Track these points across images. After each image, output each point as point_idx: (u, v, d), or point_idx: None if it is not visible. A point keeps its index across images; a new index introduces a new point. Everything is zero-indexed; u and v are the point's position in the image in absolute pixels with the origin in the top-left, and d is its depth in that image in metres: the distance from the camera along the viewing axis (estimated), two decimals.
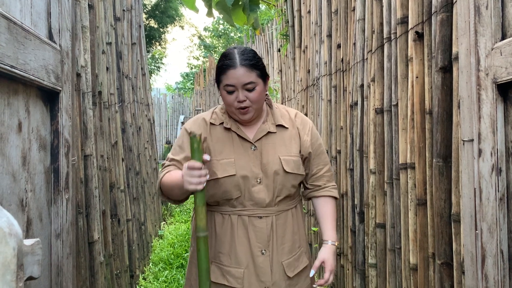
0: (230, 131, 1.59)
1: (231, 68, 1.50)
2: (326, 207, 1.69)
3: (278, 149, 1.59)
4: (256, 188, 1.55)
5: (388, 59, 2.01)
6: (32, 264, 0.73)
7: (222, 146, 1.57)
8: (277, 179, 1.56)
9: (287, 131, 1.64)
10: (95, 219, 2.21)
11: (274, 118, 1.64)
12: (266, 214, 1.56)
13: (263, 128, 1.61)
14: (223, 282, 1.55)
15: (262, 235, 1.55)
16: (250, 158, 1.56)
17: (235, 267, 1.55)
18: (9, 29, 0.78)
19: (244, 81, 1.49)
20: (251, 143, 1.58)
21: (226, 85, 1.51)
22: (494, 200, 1.05)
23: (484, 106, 1.09)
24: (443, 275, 1.50)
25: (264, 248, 1.55)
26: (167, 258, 4.31)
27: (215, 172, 1.53)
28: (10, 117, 0.83)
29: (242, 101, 1.50)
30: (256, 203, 1.55)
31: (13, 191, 0.84)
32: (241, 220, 1.56)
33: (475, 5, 1.11)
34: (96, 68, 2.61)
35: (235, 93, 1.51)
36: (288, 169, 1.57)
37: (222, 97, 1.56)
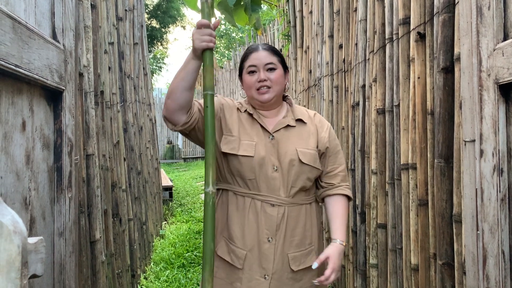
0: (253, 120, 1.66)
1: (253, 51, 1.64)
2: (338, 205, 1.68)
3: (296, 141, 1.63)
4: (272, 174, 1.58)
5: (390, 60, 2.01)
6: (35, 262, 0.73)
7: (244, 130, 1.63)
8: (292, 169, 1.59)
9: (306, 126, 1.69)
10: (97, 218, 2.22)
11: (294, 114, 1.70)
12: (279, 203, 1.58)
13: (283, 121, 1.66)
14: (227, 258, 1.59)
15: (272, 223, 1.57)
16: (267, 147, 1.61)
17: (239, 248, 1.58)
18: (13, 29, 0.79)
19: (265, 61, 1.60)
20: (269, 133, 1.63)
21: (248, 66, 1.62)
22: (496, 201, 1.06)
23: (486, 106, 1.09)
24: (444, 275, 1.50)
25: (271, 236, 1.57)
26: (168, 257, 4.31)
27: (235, 148, 1.58)
28: (14, 116, 0.84)
29: (263, 80, 1.59)
30: (271, 190, 1.58)
31: (17, 189, 0.85)
32: (253, 204, 1.58)
33: (477, 6, 1.12)
34: (98, 67, 2.61)
35: (257, 74, 1.61)
36: (304, 160, 1.59)
37: (244, 83, 1.65)
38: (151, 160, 5.24)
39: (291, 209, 1.60)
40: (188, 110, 1.54)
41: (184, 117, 1.53)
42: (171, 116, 1.54)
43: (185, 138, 15.54)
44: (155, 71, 19.21)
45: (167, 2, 15.97)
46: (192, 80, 1.49)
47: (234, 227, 1.59)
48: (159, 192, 5.84)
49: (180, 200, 7.74)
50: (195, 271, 4.01)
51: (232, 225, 1.59)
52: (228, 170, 1.61)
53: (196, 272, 3.99)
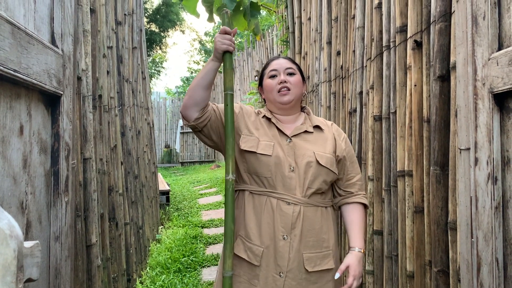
0: (271, 124, 1.72)
1: (274, 59, 1.78)
2: (356, 214, 1.70)
3: (313, 146, 1.68)
4: (289, 174, 1.62)
5: (387, 67, 2.02)
6: (31, 266, 0.73)
7: (263, 132, 1.70)
8: (309, 170, 1.62)
9: (323, 133, 1.74)
10: (93, 222, 2.22)
11: (311, 121, 1.76)
12: (294, 202, 1.60)
13: (300, 127, 1.73)
14: (244, 256, 1.61)
15: (287, 221, 1.59)
16: (285, 148, 1.66)
17: (257, 245, 1.60)
18: (13, 34, 0.80)
19: (286, 66, 1.72)
20: (287, 136, 1.69)
21: (270, 70, 1.73)
22: (490, 209, 1.06)
23: (481, 115, 1.10)
24: (439, 282, 1.50)
25: (286, 234, 1.58)
26: (164, 262, 4.30)
27: (254, 146, 1.64)
28: (12, 120, 0.84)
29: (284, 81, 1.69)
30: (287, 189, 1.61)
31: (14, 193, 0.85)
32: (269, 202, 1.61)
33: (473, 16, 1.13)
34: (96, 71, 2.62)
35: (277, 77, 1.71)
36: (321, 161, 1.63)
37: (266, 87, 1.75)
38: (148, 164, 5.23)
39: (306, 209, 1.61)
40: (203, 108, 1.65)
41: (196, 114, 1.65)
42: (186, 111, 1.66)
43: (183, 143, 15.53)
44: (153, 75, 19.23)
45: (167, 6, 16.02)
46: (210, 79, 1.64)
47: (251, 225, 1.62)
48: (156, 196, 5.84)
49: (177, 204, 7.73)
50: (191, 276, 4.00)
51: (249, 223, 1.62)
52: (245, 169, 1.66)
53: (192, 277, 3.98)
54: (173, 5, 16.11)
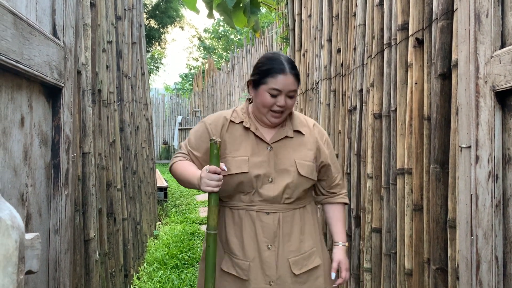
0: (248, 131, 1.66)
1: (282, 73, 1.57)
2: (338, 212, 1.79)
3: (294, 153, 1.65)
4: (267, 186, 1.60)
5: (388, 65, 2.02)
6: (31, 258, 0.73)
7: (239, 144, 1.63)
8: (289, 181, 1.61)
9: (304, 137, 1.70)
10: (91, 217, 2.21)
11: (292, 124, 1.70)
12: (273, 211, 1.61)
13: (281, 132, 1.67)
14: (232, 272, 1.61)
15: (269, 231, 1.60)
16: (264, 157, 1.62)
17: (242, 259, 1.61)
18: (15, 24, 0.79)
19: (290, 88, 1.58)
20: (267, 143, 1.65)
21: (273, 88, 1.57)
22: (490, 207, 1.06)
23: (482, 113, 1.10)
24: (438, 280, 1.51)
25: (270, 244, 1.60)
26: (161, 258, 4.30)
27: (229, 169, 1.59)
28: (13, 112, 0.84)
29: (283, 106, 1.59)
30: (265, 200, 1.61)
31: (14, 185, 0.85)
32: (248, 215, 1.61)
33: (476, 13, 1.13)
34: (96, 66, 2.61)
35: (278, 97, 1.58)
36: (302, 172, 1.62)
37: (260, 98, 1.61)
38: (146, 160, 5.23)
39: (285, 214, 1.63)
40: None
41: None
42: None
43: (181, 139, 15.52)
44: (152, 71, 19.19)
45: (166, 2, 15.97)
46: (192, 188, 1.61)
47: (234, 240, 1.62)
48: (154, 192, 5.83)
49: (175, 200, 7.73)
50: (188, 272, 4.00)
51: (231, 239, 1.63)
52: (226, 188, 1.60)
53: (189, 273, 3.98)
54: (173, 1, 16.07)
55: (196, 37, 25.66)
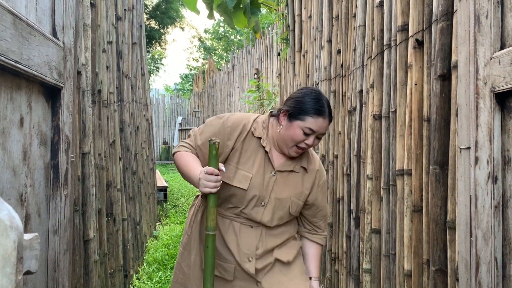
0: (261, 148, 1.65)
1: (321, 116, 1.57)
2: (314, 249, 1.83)
3: (293, 189, 1.69)
4: (258, 209, 1.63)
5: (388, 66, 2.02)
6: (30, 259, 0.73)
7: (248, 158, 1.64)
8: (278, 214, 1.66)
9: (306, 176, 1.73)
10: (91, 217, 2.21)
11: (301, 159, 1.72)
12: (256, 225, 1.67)
13: (290, 164, 1.69)
14: (216, 273, 1.64)
15: (251, 243, 1.65)
16: (265, 181, 1.64)
17: (226, 262, 1.66)
18: (14, 25, 0.79)
19: (323, 132, 1.61)
20: (273, 168, 1.66)
21: (309, 128, 1.56)
22: (490, 208, 1.06)
23: (482, 114, 1.10)
24: (437, 281, 1.50)
25: (251, 256, 1.64)
26: (161, 258, 4.30)
27: (230, 178, 1.61)
28: (12, 112, 0.84)
29: (310, 145, 1.61)
30: (252, 218, 1.65)
31: (13, 185, 0.85)
32: (232, 226, 1.65)
33: (475, 15, 1.13)
34: (96, 66, 2.61)
35: (309, 137, 1.58)
36: (292, 211, 1.69)
37: (292, 132, 1.59)
38: (146, 160, 5.23)
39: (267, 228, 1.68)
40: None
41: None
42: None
43: (181, 140, 15.52)
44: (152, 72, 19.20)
45: (166, 3, 15.99)
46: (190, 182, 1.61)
47: (217, 244, 1.65)
48: (153, 192, 5.83)
49: (175, 201, 7.73)
50: None
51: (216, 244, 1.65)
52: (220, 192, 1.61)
53: None
54: (173, 1, 16.08)
55: (197, 37, 25.68)
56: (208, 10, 5.28)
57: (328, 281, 3.03)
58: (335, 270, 2.90)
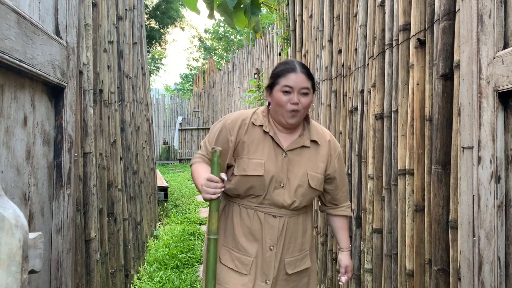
0: (267, 135, 1.69)
1: (292, 72, 1.64)
2: (340, 222, 1.88)
3: (307, 163, 1.70)
4: (278, 191, 1.66)
5: (389, 65, 2.02)
6: (34, 258, 0.73)
7: (256, 147, 1.67)
8: (299, 190, 1.67)
9: (319, 148, 1.74)
10: (92, 217, 2.21)
11: (310, 133, 1.74)
12: (280, 215, 1.68)
13: (298, 140, 1.71)
14: (232, 266, 1.67)
15: (274, 233, 1.67)
16: (279, 163, 1.67)
17: (245, 255, 1.67)
18: (18, 23, 0.79)
19: (302, 85, 1.62)
20: (283, 150, 1.68)
21: (285, 85, 1.62)
22: (493, 207, 1.06)
23: (485, 114, 1.10)
24: (439, 281, 1.50)
25: (273, 245, 1.67)
26: (162, 258, 4.30)
27: (244, 169, 1.64)
28: (16, 111, 0.84)
29: (296, 103, 1.61)
30: (274, 203, 1.66)
31: (17, 184, 0.85)
32: (257, 216, 1.67)
33: (478, 14, 1.13)
34: (97, 66, 2.61)
35: (291, 95, 1.62)
36: (312, 184, 1.69)
37: (275, 99, 1.65)
38: (147, 160, 5.23)
39: (290, 219, 1.70)
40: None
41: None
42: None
43: (181, 140, 15.51)
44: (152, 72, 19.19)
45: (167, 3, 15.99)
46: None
47: (240, 236, 1.68)
48: (154, 192, 5.83)
49: (175, 201, 7.73)
50: (188, 273, 3.99)
51: (238, 235, 1.68)
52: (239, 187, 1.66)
53: (189, 273, 3.98)
54: (173, 1, 16.08)
55: (197, 37, 25.68)
56: (209, 10, 5.27)
57: (329, 280, 3.03)
58: (336, 270, 2.90)
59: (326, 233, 3.10)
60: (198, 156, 1.77)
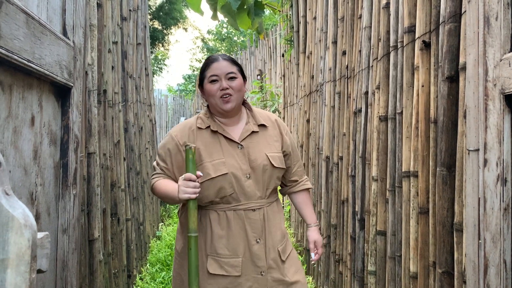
0: (216, 134, 1.73)
1: (215, 61, 1.72)
2: (304, 197, 1.94)
3: (263, 147, 1.75)
4: (247, 183, 1.69)
5: (394, 67, 2.02)
6: (41, 257, 0.73)
7: (212, 149, 1.70)
8: (265, 173, 1.72)
9: (268, 130, 1.81)
10: (96, 217, 2.21)
11: (255, 119, 1.80)
12: (259, 206, 1.72)
13: (246, 128, 1.76)
14: (222, 272, 1.68)
15: (257, 226, 1.71)
16: (238, 156, 1.71)
17: (233, 257, 1.68)
18: (27, 24, 0.79)
19: (226, 70, 1.69)
20: (237, 143, 1.73)
21: (210, 75, 1.69)
22: (499, 210, 1.06)
23: (491, 116, 1.10)
24: (443, 284, 1.50)
25: (258, 237, 1.70)
26: (164, 259, 4.30)
27: (208, 173, 1.66)
28: (24, 111, 0.84)
29: (225, 88, 1.67)
30: (248, 197, 1.70)
31: (24, 184, 0.85)
32: (236, 215, 1.70)
33: (485, 16, 1.13)
34: (102, 66, 2.62)
35: (219, 82, 1.69)
36: (275, 163, 1.74)
37: (206, 91, 1.72)
38: (150, 160, 5.23)
39: (268, 208, 1.75)
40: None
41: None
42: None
43: None
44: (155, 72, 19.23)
45: (170, 4, 16.00)
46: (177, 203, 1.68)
47: (222, 241, 1.69)
48: None
49: None
50: None
51: (220, 241, 1.69)
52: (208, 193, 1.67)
53: None
54: (176, 2, 16.09)
55: (200, 38, 25.70)
56: (212, 11, 5.28)
57: (332, 282, 3.02)
58: (339, 271, 2.90)
59: (329, 234, 3.09)
60: (154, 177, 1.76)
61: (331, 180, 3.12)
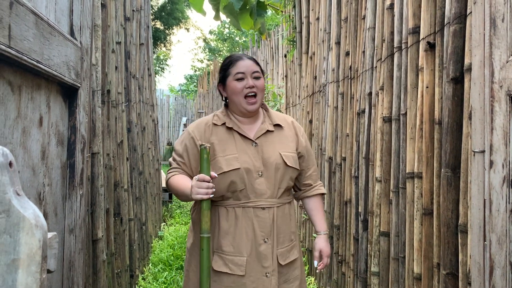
0: (232, 131, 1.74)
1: (240, 59, 1.73)
2: (317, 203, 1.90)
3: (278, 146, 1.75)
4: (258, 180, 1.68)
5: (398, 68, 2.02)
6: (49, 258, 0.73)
7: (225, 144, 1.71)
8: (278, 172, 1.71)
9: (284, 130, 1.81)
10: (99, 217, 2.22)
11: (271, 119, 1.81)
12: (269, 205, 1.70)
13: (262, 127, 1.76)
14: (226, 270, 1.67)
15: (265, 225, 1.69)
16: (251, 153, 1.71)
17: (238, 255, 1.67)
18: (36, 25, 0.80)
19: (252, 69, 1.71)
20: (252, 140, 1.73)
21: (237, 73, 1.69)
22: (505, 212, 1.06)
23: (497, 118, 1.10)
24: (448, 285, 1.50)
25: (266, 237, 1.69)
26: (166, 259, 4.30)
27: (221, 168, 1.66)
28: (32, 111, 0.84)
29: (252, 86, 1.68)
30: (258, 195, 1.69)
31: (32, 184, 0.85)
32: (245, 212, 1.69)
33: (491, 18, 1.13)
34: (106, 66, 2.62)
35: (245, 80, 1.69)
36: (289, 163, 1.73)
37: (231, 89, 1.71)
38: (152, 160, 5.24)
39: (279, 209, 1.73)
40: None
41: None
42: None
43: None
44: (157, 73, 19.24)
45: (172, 4, 16.02)
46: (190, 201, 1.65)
47: (229, 238, 1.69)
48: (159, 193, 5.84)
49: (179, 202, 7.73)
50: None
51: (227, 238, 1.69)
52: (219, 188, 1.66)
53: None
54: (178, 2, 16.10)
55: (201, 38, 25.71)
56: (214, 11, 5.29)
57: (334, 283, 3.02)
58: (342, 272, 2.90)
59: (332, 235, 3.09)
60: (171, 172, 1.76)
61: (334, 180, 3.12)
